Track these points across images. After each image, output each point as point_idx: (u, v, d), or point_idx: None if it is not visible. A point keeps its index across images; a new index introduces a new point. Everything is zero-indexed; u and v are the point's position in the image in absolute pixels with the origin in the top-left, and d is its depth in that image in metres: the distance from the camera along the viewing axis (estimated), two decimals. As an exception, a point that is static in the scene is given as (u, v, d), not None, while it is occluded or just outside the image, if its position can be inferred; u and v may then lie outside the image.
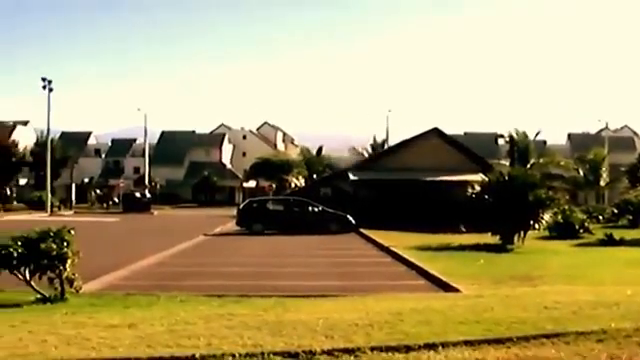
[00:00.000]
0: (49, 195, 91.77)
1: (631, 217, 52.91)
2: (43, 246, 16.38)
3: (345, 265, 27.95)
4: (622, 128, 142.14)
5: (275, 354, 9.74)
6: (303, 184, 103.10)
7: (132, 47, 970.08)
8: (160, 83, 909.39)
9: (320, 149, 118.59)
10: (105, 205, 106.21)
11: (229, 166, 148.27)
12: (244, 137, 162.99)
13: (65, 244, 16.64)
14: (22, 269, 16.62)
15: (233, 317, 13.21)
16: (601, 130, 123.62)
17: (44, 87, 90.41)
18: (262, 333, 11.27)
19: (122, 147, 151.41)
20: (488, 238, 35.29)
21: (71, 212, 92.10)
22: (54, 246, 16.44)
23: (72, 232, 17.07)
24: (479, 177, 40.61)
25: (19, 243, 16.41)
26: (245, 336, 10.97)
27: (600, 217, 56.71)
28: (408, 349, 9.97)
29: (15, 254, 16.23)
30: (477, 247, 33.25)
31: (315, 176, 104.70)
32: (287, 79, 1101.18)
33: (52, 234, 16.70)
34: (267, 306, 15.20)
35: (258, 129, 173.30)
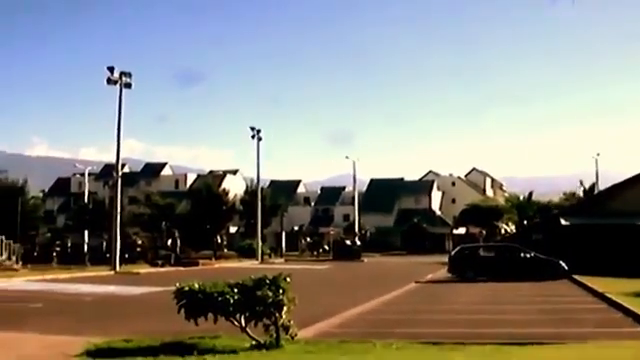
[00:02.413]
0: (260, 243, 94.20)
1: None
2: (259, 293, 16.54)
3: (559, 312, 27.19)
4: None
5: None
6: (514, 230, 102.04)
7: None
8: (366, 132, 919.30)
9: (530, 194, 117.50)
10: (315, 253, 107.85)
11: (438, 213, 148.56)
12: (453, 184, 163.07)
13: (281, 291, 16.74)
14: (238, 316, 16.81)
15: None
16: None
17: (253, 136, 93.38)
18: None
19: (331, 195, 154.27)
20: None
21: (281, 260, 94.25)
22: (270, 293, 16.56)
23: (288, 279, 17.17)
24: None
25: (235, 290, 16.64)
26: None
27: None
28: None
29: (231, 301, 16.44)
30: (695, 293, 31.76)
31: (525, 221, 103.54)
32: (492, 124, 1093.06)
33: (268, 281, 16.83)
34: (484, 353, 14.97)
35: (467, 175, 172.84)
